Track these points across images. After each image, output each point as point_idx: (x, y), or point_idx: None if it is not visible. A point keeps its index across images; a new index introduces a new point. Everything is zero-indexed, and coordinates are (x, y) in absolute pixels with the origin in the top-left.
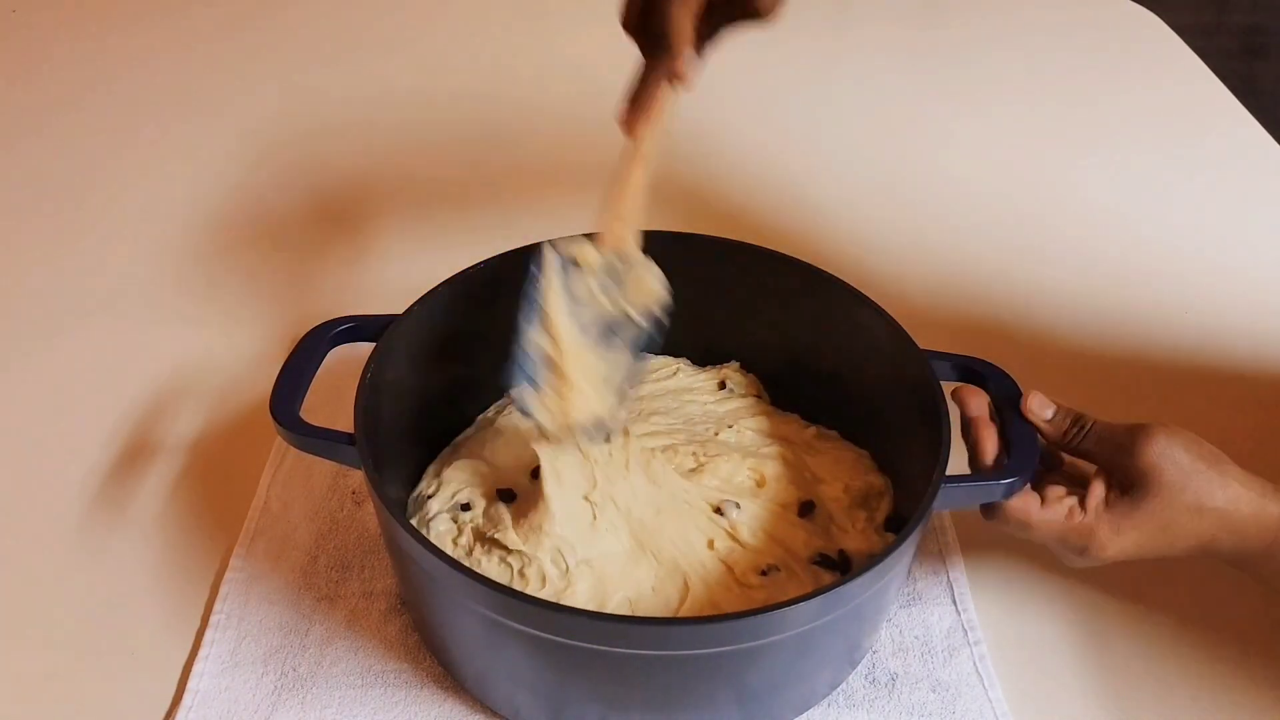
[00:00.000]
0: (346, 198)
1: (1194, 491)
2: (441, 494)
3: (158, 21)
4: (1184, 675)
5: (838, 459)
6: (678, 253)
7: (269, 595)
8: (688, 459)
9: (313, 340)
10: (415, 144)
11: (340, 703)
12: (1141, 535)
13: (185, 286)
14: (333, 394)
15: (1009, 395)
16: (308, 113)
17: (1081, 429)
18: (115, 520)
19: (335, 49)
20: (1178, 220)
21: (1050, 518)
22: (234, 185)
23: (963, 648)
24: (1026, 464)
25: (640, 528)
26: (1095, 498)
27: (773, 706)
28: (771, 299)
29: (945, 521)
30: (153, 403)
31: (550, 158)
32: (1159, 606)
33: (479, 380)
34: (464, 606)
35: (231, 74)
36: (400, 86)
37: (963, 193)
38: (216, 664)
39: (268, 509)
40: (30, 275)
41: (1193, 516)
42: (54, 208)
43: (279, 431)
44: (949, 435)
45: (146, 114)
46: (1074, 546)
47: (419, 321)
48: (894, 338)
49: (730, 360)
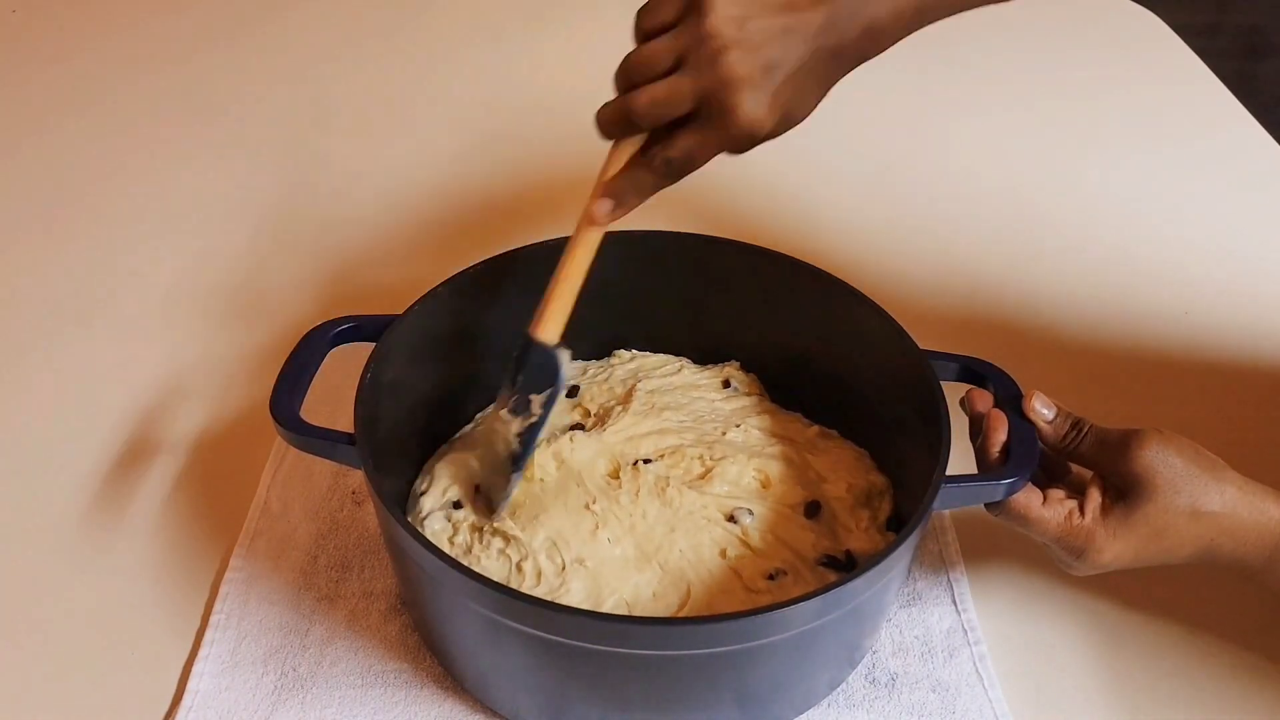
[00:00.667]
0: (347, 198)
1: (1189, 496)
2: (433, 491)
3: (157, 24)
4: (1184, 674)
5: (839, 458)
6: (678, 252)
7: (269, 595)
8: (695, 464)
9: (313, 340)
10: (415, 144)
11: (340, 703)
12: (1137, 540)
13: (185, 286)
14: (333, 394)
15: (1009, 395)
16: (308, 113)
17: (1079, 433)
18: (115, 520)
19: (336, 51)
20: (1178, 220)
21: (1050, 516)
22: (234, 185)
23: (963, 648)
24: (1027, 464)
25: (647, 540)
26: (1093, 502)
27: (773, 707)
28: (771, 299)
29: (945, 521)
30: (153, 403)
31: (550, 159)
32: (1159, 606)
33: (479, 380)
34: (464, 606)
35: (232, 76)
36: (401, 87)
37: (963, 192)
38: (216, 664)
39: (268, 509)
40: (30, 275)
41: (1189, 521)
42: (54, 209)
43: (279, 431)
44: (949, 435)
45: (147, 115)
46: (1071, 549)
47: (419, 321)
48: (894, 338)
49: (730, 360)
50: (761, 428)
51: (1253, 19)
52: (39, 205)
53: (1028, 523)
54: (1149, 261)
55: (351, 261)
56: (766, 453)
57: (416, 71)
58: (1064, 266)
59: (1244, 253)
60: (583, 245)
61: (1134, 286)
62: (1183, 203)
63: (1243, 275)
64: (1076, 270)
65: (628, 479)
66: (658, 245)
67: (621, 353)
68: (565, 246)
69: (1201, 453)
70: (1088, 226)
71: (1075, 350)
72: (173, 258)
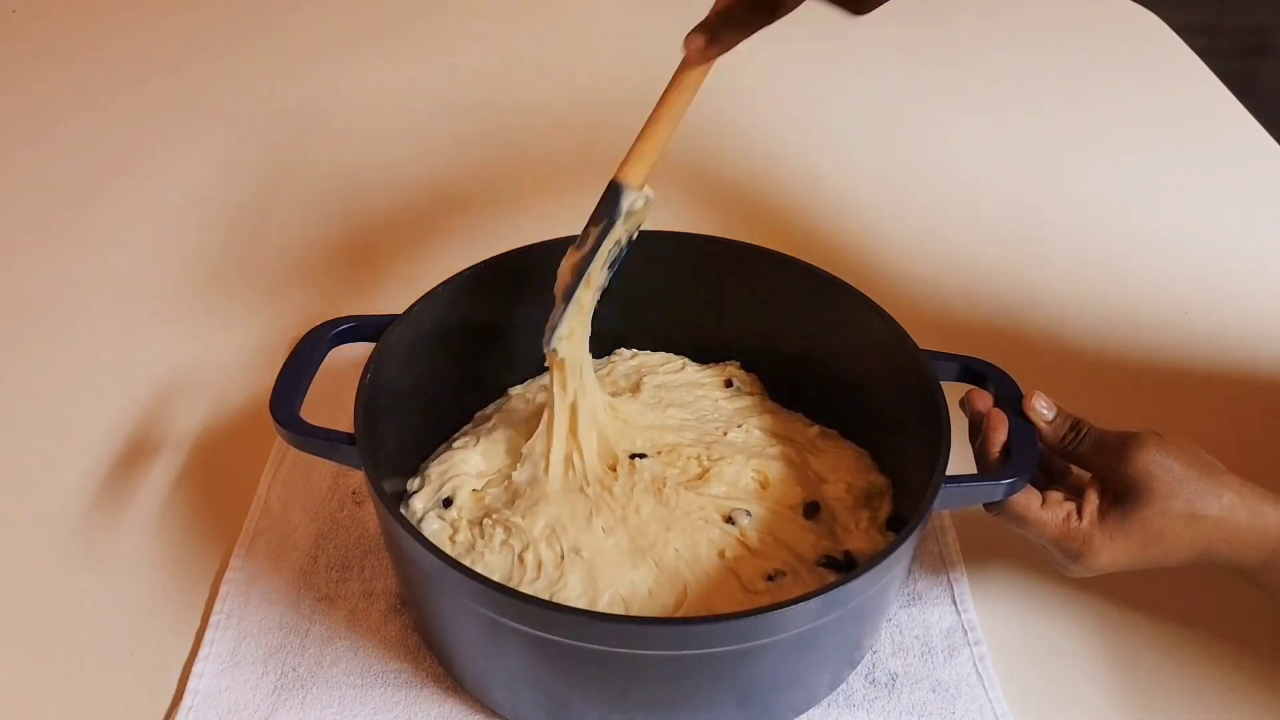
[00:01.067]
0: (347, 198)
1: (1186, 499)
2: (424, 491)
3: (157, 23)
4: (1185, 674)
5: (839, 458)
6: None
7: (269, 595)
8: (692, 464)
9: (313, 340)
10: (415, 145)
11: (340, 703)
12: (1135, 544)
13: (185, 286)
14: (333, 394)
15: (1010, 396)
16: (308, 113)
17: (1078, 434)
18: (115, 520)
19: (337, 51)
20: (1178, 220)
21: (1048, 517)
22: (234, 185)
23: (963, 648)
24: (1027, 464)
25: (641, 535)
26: (1091, 506)
27: (773, 707)
28: (771, 299)
29: (945, 521)
30: (153, 403)
31: (550, 159)
32: (1160, 606)
33: (479, 380)
34: (463, 606)
35: (232, 75)
36: (401, 88)
37: (962, 193)
38: (216, 664)
39: (268, 509)
40: (30, 275)
41: (1186, 525)
42: (54, 208)
43: (279, 431)
44: (949, 435)
45: (146, 114)
46: (1068, 551)
47: (419, 321)
48: (894, 338)
49: (730, 360)
50: (763, 427)
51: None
52: (38, 205)
53: (1026, 524)
54: (1149, 262)
55: (352, 261)
56: (766, 453)
57: (417, 71)
58: (1064, 266)
59: (1245, 254)
60: (678, 87)
61: (1134, 287)
62: (1183, 203)
63: (1243, 276)
64: (1076, 270)
65: (624, 473)
66: (658, 245)
67: (623, 351)
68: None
69: (1200, 456)
70: (1088, 227)
71: (1075, 350)
72: (172, 257)
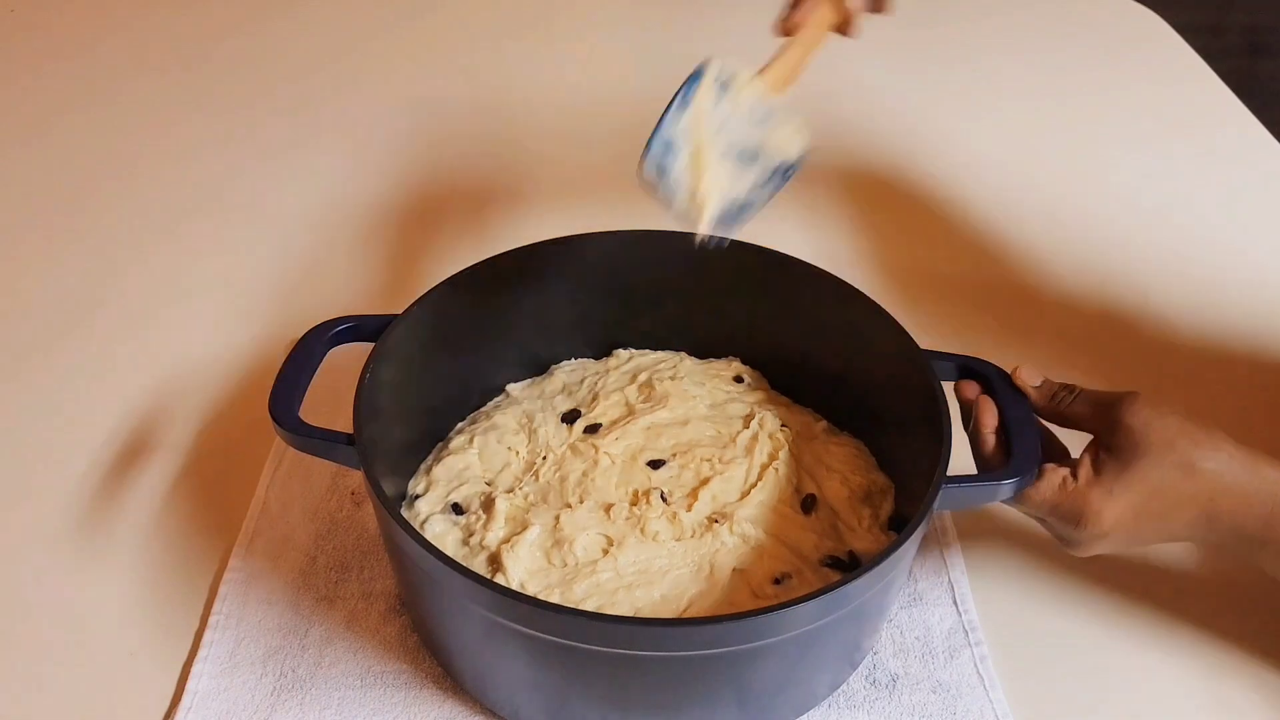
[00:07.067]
0: (346, 198)
1: (1183, 451)
2: (432, 494)
3: (157, 23)
4: (1185, 675)
5: (840, 454)
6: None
7: (268, 596)
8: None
9: (312, 340)
10: (415, 145)
11: (340, 703)
12: (1135, 499)
13: (185, 286)
14: (332, 394)
15: (1010, 395)
16: (307, 113)
17: (1071, 393)
18: (114, 520)
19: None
20: (1178, 219)
21: (1044, 484)
22: (233, 185)
23: (964, 648)
24: (1028, 464)
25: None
26: (1085, 466)
27: (773, 708)
28: (771, 298)
29: (946, 522)
30: (153, 403)
31: (551, 161)
32: (1161, 607)
33: (479, 379)
34: (463, 607)
35: (231, 75)
36: (401, 89)
37: (963, 192)
38: (215, 664)
39: (267, 509)
40: (30, 275)
41: (1184, 477)
42: (54, 208)
43: (278, 432)
44: (950, 435)
45: (145, 114)
46: (1068, 516)
47: (418, 321)
48: (894, 338)
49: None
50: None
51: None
52: (38, 205)
53: (1023, 500)
54: (1150, 260)
55: (351, 261)
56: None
57: (417, 72)
58: (1064, 266)
59: (1245, 252)
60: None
61: (1135, 285)
62: (1184, 202)
63: (1243, 275)
64: (1077, 269)
65: (641, 508)
66: (658, 245)
67: (620, 352)
68: None
69: (1195, 417)
70: (1088, 226)
71: (1075, 349)
72: (171, 258)
